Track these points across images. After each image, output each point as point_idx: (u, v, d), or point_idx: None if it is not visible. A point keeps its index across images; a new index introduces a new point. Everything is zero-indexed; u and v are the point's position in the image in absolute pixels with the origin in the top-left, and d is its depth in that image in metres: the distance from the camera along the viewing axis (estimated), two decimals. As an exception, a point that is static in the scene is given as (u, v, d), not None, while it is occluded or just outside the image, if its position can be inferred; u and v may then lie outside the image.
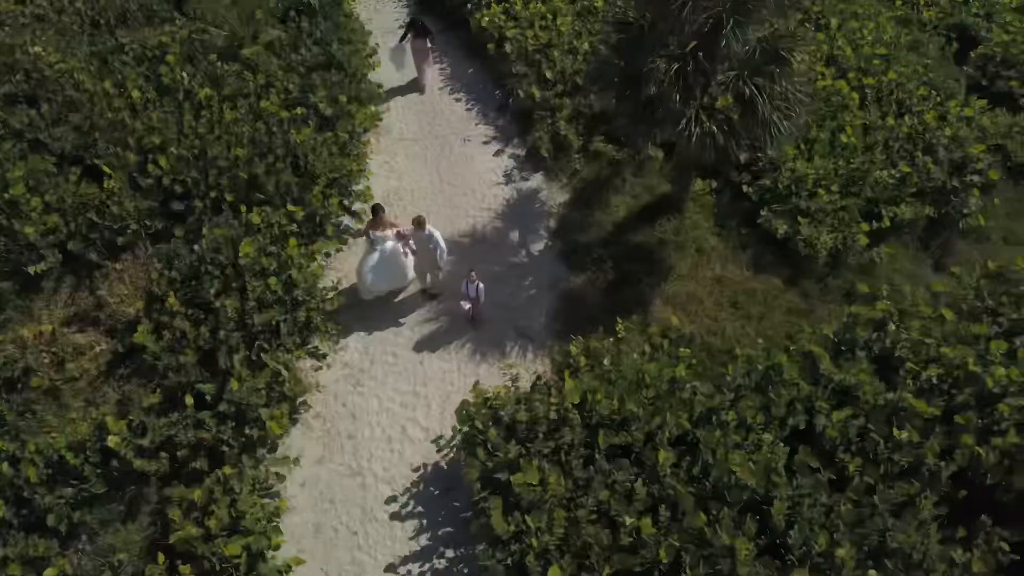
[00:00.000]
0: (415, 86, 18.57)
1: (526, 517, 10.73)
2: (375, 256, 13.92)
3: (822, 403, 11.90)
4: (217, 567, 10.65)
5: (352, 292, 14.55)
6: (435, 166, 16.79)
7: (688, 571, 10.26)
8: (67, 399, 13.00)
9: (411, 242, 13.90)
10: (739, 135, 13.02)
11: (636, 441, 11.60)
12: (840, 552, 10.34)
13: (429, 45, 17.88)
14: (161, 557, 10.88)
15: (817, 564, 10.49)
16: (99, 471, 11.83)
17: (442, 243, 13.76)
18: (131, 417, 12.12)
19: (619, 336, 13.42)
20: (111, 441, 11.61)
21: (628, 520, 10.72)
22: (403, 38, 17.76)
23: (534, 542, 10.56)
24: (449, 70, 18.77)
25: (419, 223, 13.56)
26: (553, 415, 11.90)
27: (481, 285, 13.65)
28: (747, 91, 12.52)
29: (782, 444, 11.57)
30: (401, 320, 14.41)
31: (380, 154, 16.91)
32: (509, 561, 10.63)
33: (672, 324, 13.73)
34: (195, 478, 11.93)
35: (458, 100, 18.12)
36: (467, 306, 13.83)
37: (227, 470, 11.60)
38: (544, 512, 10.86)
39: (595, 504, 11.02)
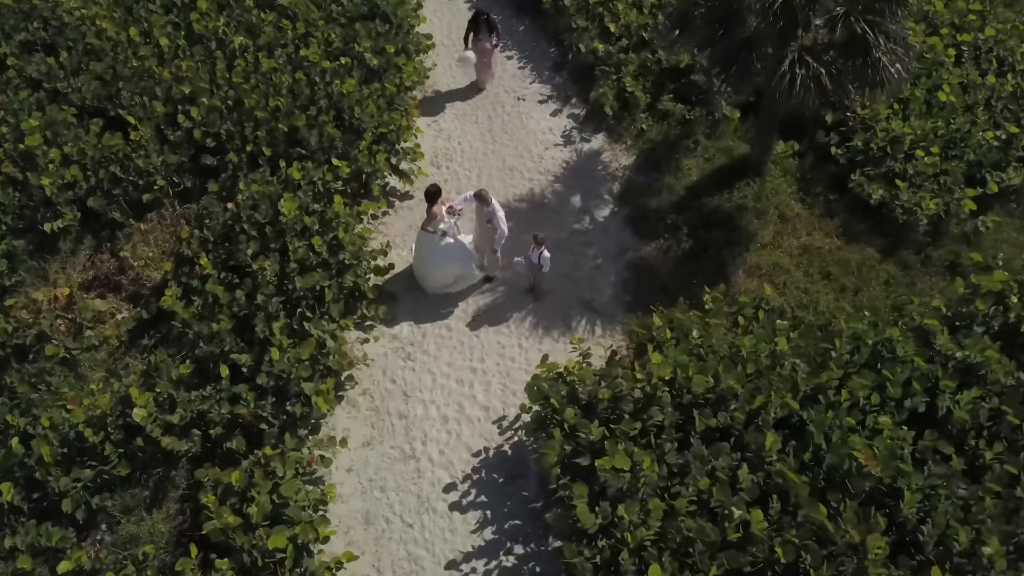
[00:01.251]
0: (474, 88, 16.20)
1: (620, 507, 9.22)
2: (438, 244, 12.33)
3: (947, 382, 10.39)
4: (259, 561, 9.18)
5: (400, 260, 13.13)
6: (487, 126, 15.32)
7: (812, 572, 8.74)
8: (85, 370, 11.59)
9: (457, 221, 12.47)
10: (846, 79, 11.51)
11: (736, 422, 10.12)
12: (988, 550, 8.86)
13: (495, 43, 15.56)
14: (194, 549, 9.43)
15: (959, 565, 8.98)
16: (121, 450, 10.39)
17: (503, 225, 12.26)
18: (158, 390, 10.68)
19: (706, 308, 11.92)
20: (136, 415, 10.17)
21: (736, 512, 9.22)
22: (467, 38, 15.38)
23: (628, 536, 9.07)
24: (499, 26, 17.25)
25: (482, 197, 12.14)
26: (638, 393, 10.42)
27: (547, 253, 12.15)
28: (859, 28, 11.01)
29: (904, 428, 10.09)
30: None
31: (427, 113, 15.44)
32: (598, 559, 9.14)
33: (761, 295, 12.26)
34: (230, 460, 10.53)
35: (510, 58, 16.61)
36: (521, 267, 12.36)
37: (268, 451, 10.15)
38: (636, 502, 9.38)
39: (694, 493, 9.54)
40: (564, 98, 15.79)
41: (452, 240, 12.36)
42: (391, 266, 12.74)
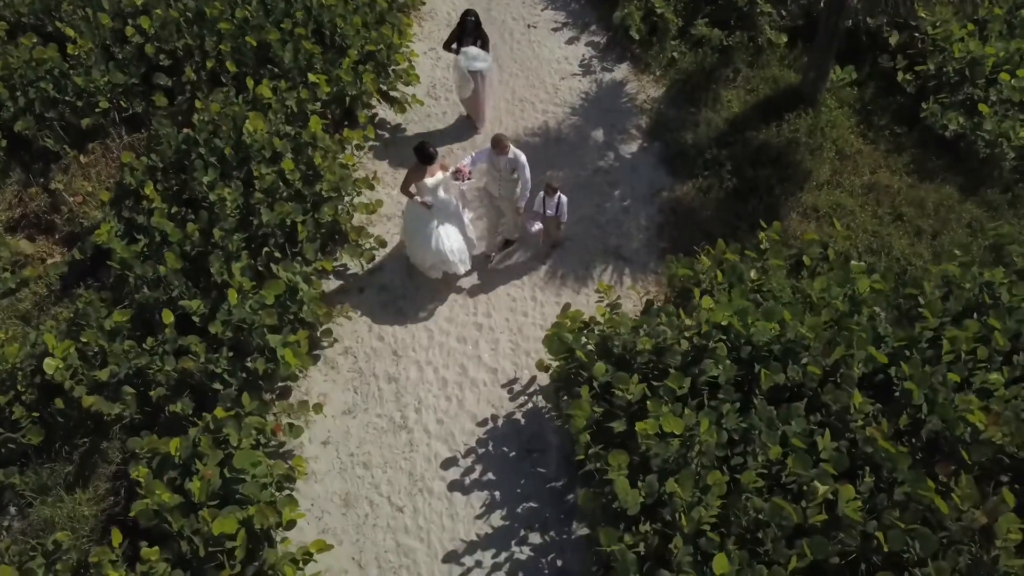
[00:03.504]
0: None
1: (670, 482, 7.10)
2: (433, 215, 9.82)
3: (1069, 332, 8.31)
4: (200, 551, 7.03)
5: (389, 200, 11.03)
6: (492, 55, 13.11)
7: (928, 564, 6.62)
8: (1, 319, 9.47)
9: (467, 181, 9.95)
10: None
11: (809, 379, 8.00)
12: None
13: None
14: (117, 536, 7.29)
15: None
16: (36, 414, 8.27)
17: (527, 172, 9.90)
18: (84, 340, 8.54)
19: (761, 248, 9.81)
20: (48, 367, 8.05)
21: (820, 488, 7.09)
22: (447, 46, 11.62)
23: (682, 519, 6.93)
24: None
25: (500, 143, 9.61)
26: (686, 345, 8.30)
27: (563, 198, 10.01)
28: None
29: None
30: (455, 233, 10.81)
31: (423, 40, 13.33)
32: (643, 547, 7.01)
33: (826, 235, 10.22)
34: (174, 428, 8.41)
35: (518, -17, 14.54)
36: (537, 227, 10.26)
37: (220, 413, 8.02)
38: (690, 476, 7.25)
39: (763, 465, 7.41)
40: (581, 25, 13.67)
41: (449, 214, 9.94)
42: (379, 203, 10.61)
